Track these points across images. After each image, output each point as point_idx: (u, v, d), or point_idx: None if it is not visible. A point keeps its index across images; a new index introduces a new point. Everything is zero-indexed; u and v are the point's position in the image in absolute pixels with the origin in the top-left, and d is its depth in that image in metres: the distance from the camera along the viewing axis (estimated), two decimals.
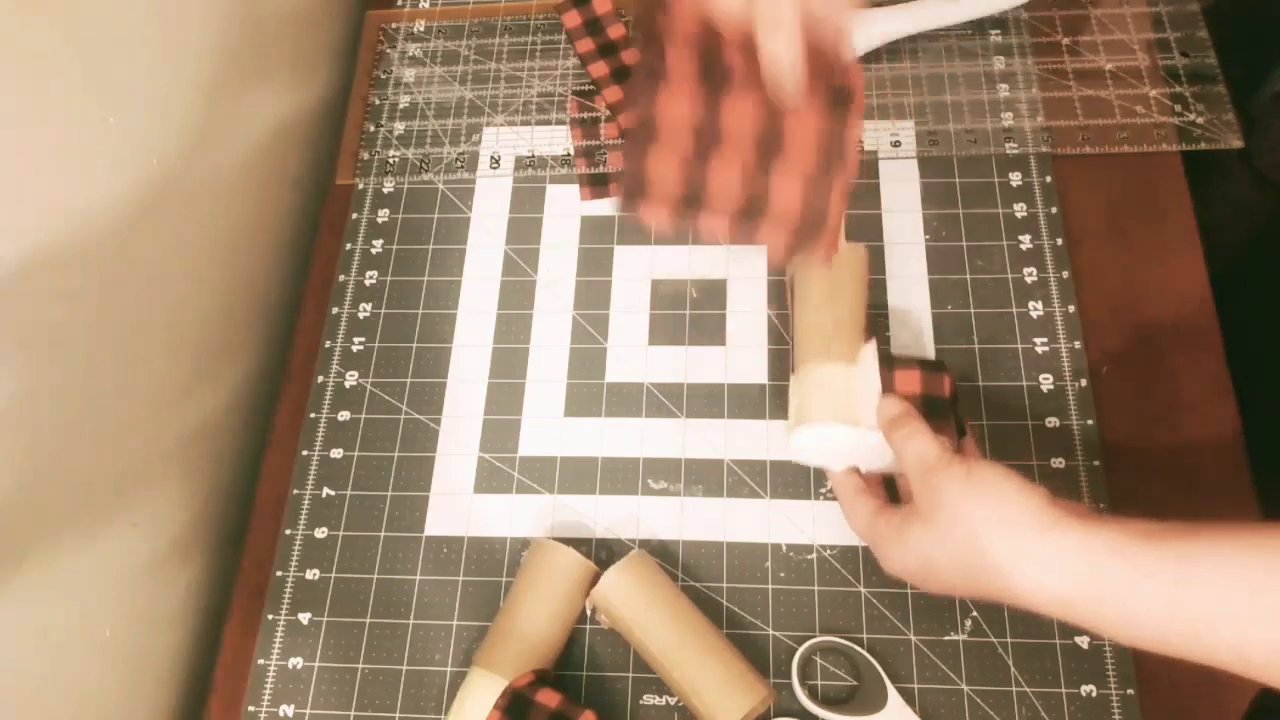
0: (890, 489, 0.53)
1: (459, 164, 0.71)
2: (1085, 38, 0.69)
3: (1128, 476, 0.57)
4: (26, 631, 0.48)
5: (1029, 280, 0.62)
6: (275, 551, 0.60)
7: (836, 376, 0.51)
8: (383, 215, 0.70)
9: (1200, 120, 0.65)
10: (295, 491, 0.62)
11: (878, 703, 0.52)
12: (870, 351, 0.52)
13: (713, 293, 0.65)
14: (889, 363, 0.51)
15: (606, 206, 0.68)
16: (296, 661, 0.57)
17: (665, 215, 0.46)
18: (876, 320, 0.62)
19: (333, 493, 0.62)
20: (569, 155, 0.70)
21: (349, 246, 0.69)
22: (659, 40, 0.44)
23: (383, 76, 0.76)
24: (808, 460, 0.57)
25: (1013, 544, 0.41)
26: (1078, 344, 0.60)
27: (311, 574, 0.60)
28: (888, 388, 0.50)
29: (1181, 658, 0.37)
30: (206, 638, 0.63)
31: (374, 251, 0.69)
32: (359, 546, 0.60)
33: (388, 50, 0.77)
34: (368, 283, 0.68)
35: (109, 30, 0.52)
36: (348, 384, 0.65)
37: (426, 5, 0.79)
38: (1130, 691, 0.52)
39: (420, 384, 0.64)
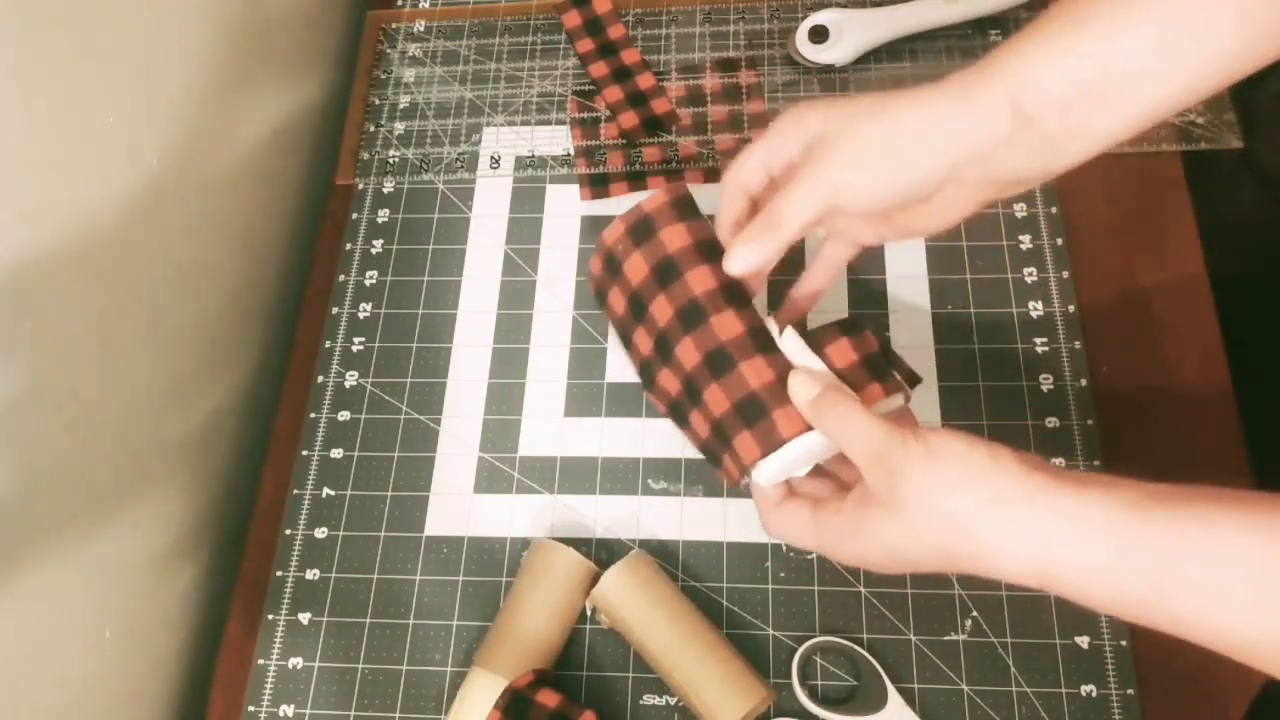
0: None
1: (459, 164, 0.71)
2: None
3: (1128, 477, 0.56)
4: (26, 632, 0.48)
5: (1029, 280, 0.62)
6: (275, 551, 0.60)
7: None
8: (383, 215, 0.70)
9: (1200, 120, 0.65)
10: (295, 491, 0.62)
11: (878, 703, 0.52)
12: (791, 338, 0.44)
13: None
14: (811, 342, 0.44)
15: (606, 207, 0.68)
16: (296, 661, 0.57)
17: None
18: (878, 321, 0.62)
19: (333, 493, 0.62)
20: (569, 155, 0.70)
21: (349, 246, 0.69)
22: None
23: (383, 76, 0.76)
24: (783, 476, 0.46)
25: (1000, 523, 0.37)
26: (1078, 344, 0.60)
27: (311, 574, 0.60)
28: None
29: (1180, 637, 0.35)
30: (206, 638, 0.63)
31: (374, 251, 0.69)
32: (359, 546, 0.60)
33: (388, 50, 0.77)
34: (368, 283, 0.68)
35: (109, 30, 0.52)
36: (348, 384, 0.65)
37: (426, 5, 0.79)
38: (1130, 691, 0.52)
39: (420, 384, 0.64)
